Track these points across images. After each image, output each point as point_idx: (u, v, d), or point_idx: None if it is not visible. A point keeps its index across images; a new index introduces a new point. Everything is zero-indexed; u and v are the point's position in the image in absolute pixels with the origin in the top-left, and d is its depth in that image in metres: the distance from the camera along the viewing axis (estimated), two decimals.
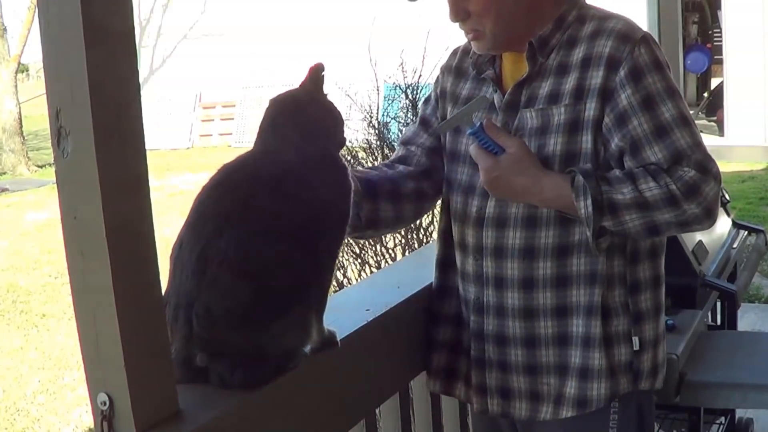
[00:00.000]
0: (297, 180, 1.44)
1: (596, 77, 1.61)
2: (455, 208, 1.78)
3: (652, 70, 1.59)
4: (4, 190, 12.56)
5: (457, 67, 1.84)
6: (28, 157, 14.64)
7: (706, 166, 1.56)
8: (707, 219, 1.58)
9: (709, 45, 12.14)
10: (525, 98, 1.68)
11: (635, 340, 1.68)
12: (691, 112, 5.07)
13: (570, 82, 1.63)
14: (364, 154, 3.86)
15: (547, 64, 1.67)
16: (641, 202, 1.55)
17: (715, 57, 11.71)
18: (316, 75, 1.51)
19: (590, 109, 1.61)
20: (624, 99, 1.59)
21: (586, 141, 1.62)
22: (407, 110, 4.06)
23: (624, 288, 1.68)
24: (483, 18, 1.64)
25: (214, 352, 1.36)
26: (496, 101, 1.72)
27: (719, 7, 11.15)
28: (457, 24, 1.69)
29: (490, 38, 1.67)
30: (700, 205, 1.55)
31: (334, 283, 3.68)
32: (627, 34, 1.62)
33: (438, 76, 1.89)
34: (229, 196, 1.42)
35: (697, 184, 1.55)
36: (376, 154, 3.84)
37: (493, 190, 1.64)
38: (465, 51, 1.83)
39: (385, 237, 3.75)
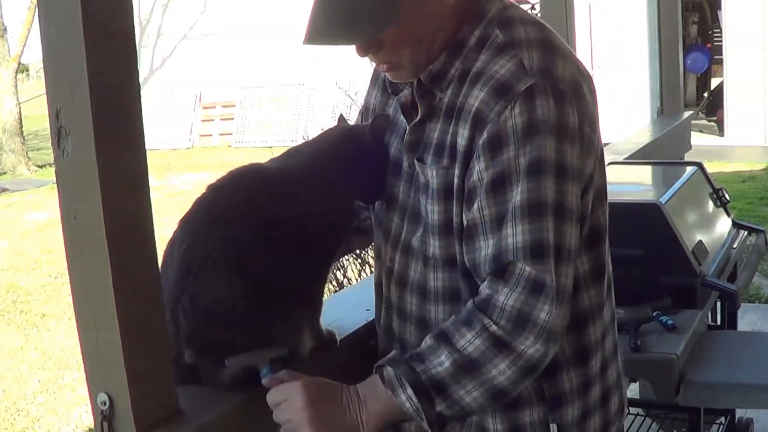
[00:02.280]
0: (295, 185, 1.44)
1: (462, 137, 1.31)
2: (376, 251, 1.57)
3: (518, 140, 1.25)
4: (4, 190, 12.55)
5: (383, 80, 1.54)
6: (28, 157, 14.64)
7: (537, 280, 1.24)
8: (551, 347, 1.26)
9: (709, 45, 12.13)
10: (423, 141, 1.40)
11: (553, 427, 1.41)
12: (691, 112, 5.03)
13: (449, 136, 1.34)
14: None
15: (443, 102, 1.36)
16: (465, 363, 1.25)
17: (715, 57, 11.71)
18: (380, 129, 1.47)
19: (458, 176, 1.32)
20: (476, 173, 1.28)
21: (458, 213, 1.34)
22: None
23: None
24: (399, 49, 1.34)
25: (200, 348, 1.36)
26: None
27: (719, 7, 11.15)
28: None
29: (410, 69, 1.37)
30: (539, 337, 1.24)
31: (334, 283, 3.69)
32: (505, 85, 1.27)
33: (369, 86, 1.61)
34: (223, 197, 1.42)
35: (523, 313, 1.23)
36: None
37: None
38: None
39: None
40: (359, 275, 3.81)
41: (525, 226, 1.25)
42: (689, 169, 3.02)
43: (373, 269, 3.17)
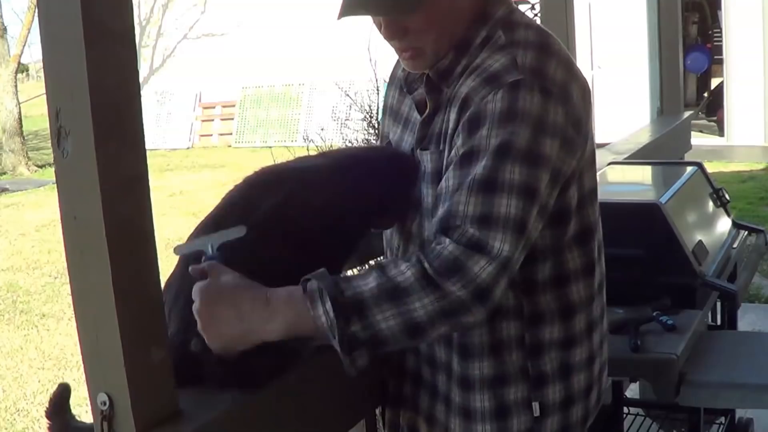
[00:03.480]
0: (314, 193, 1.46)
1: (452, 120, 1.38)
2: (388, 240, 1.62)
3: (494, 122, 1.30)
4: (4, 190, 12.56)
5: (401, 80, 1.61)
6: (28, 157, 14.65)
7: (479, 242, 1.26)
8: (476, 304, 1.25)
9: (709, 45, 12.14)
10: (429, 133, 1.46)
11: (535, 406, 1.47)
12: (691, 112, 5.01)
13: (445, 123, 1.41)
14: None
15: (447, 96, 1.43)
16: (390, 288, 1.25)
17: (715, 57, 11.72)
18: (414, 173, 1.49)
19: (446, 157, 1.38)
20: (453, 150, 1.35)
21: None
22: None
23: (522, 351, 1.46)
24: (424, 35, 1.41)
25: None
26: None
27: (719, 7, 11.15)
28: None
29: (431, 57, 1.43)
30: (465, 287, 1.24)
31: None
32: (496, 76, 1.34)
33: (387, 88, 1.68)
34: (247, 195, 1.46)
35: (459, 261, 1.25)
36: None
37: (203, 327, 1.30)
38: None
39: None
40: None
41: (478, 199, 1.28)
42: (689, 169, 3.02)
43: None
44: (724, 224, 2.98)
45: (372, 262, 1.37)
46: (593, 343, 1.54)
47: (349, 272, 1.40)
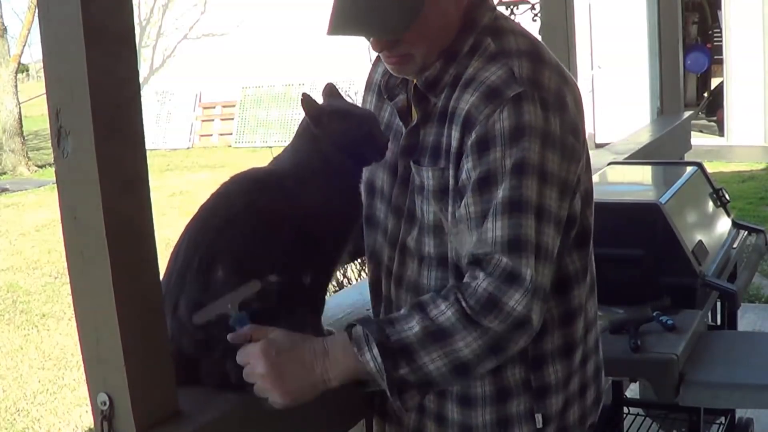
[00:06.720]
0: (299, 184, 1.44)
1: (454, 138, 1.35)
2: (370, 253, 1.58)
3: (505, 142, 1.29)
4: (4, 190, 12.56)
5: (378, 85, 1.59)
6: (28, 157, 14.65)
7: (513, 271, 1.26)
8: (517, 333, 1.28)
9: (709, 45, 12.14)
10: (419, 145, 1.43)
11: (538, 417, 1.46)
12: (691, 112, 5.00)
13: (444, 139, 1.38)
14: None
15: (437, 106, 1.41)
16: (434, 330, 1.27)
17: (715, 57, 11.72)
18: (330, 92, 1.49)
19: (452, 176, 1.36)
20: (464, 172, 1.33)
21: (452, 212, 1.37)
22: None
23: (525, 364, 1.44)
24: (415, 45, 1.38)
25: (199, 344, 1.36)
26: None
27: (719, 7, 11.15)
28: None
29: (420, 63, 1.40)
30: (504, 322, 1.26)
31: (334, 282, 3.69)
32: (496, 90, 1.32)
33: (363, 93, 1.65)
34: (224, 201, 1.44)
35: (494, 298, 1.26)
36: None
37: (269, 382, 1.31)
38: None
39: None
40: (359, 275, 3.81)
41: (505, 222, 1.28)
42: (689, 169, 3.02)
43: None
44: (724, 224, 2.98)
45: (402, 311, 1.35)
46: (588, 345, 1.54)
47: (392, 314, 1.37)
